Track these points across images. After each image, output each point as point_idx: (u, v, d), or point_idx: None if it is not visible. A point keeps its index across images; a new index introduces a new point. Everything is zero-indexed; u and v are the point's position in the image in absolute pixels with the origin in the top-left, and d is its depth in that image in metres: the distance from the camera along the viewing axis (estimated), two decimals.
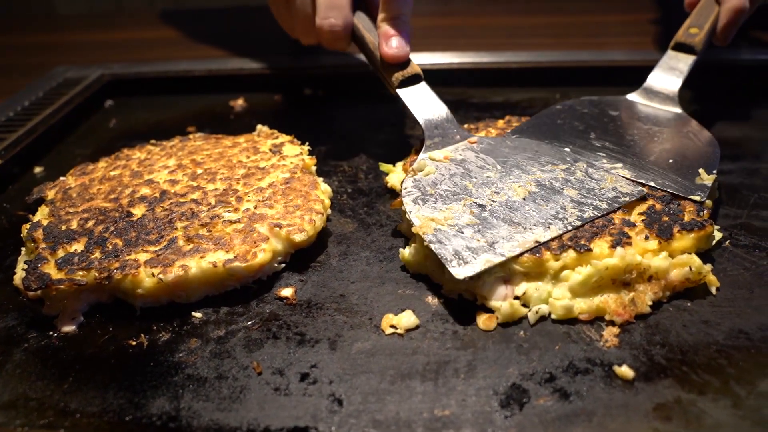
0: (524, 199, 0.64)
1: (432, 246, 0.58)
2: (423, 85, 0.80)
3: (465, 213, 0.62)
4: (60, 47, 1.46)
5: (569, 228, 0.60)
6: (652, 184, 0.65)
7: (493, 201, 0.63)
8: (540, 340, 0.54)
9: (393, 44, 0.78)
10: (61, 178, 0.76)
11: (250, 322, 0.58)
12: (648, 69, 1.04)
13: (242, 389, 0.51)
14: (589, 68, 1.07)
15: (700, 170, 0.67)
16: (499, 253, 0.57)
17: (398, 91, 0.79)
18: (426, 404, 0.49)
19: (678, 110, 0.79)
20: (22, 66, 1.32)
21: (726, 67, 1.02)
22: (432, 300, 0.59)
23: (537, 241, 0.58)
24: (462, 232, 0.59)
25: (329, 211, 0.71)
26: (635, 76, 1.04)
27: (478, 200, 0.64)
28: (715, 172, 0.67)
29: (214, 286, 0.61)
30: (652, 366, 0.51)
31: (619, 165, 0.68)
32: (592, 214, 0.61)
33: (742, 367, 0.50)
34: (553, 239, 0.58)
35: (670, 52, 0.85)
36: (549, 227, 0.60)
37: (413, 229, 0.61)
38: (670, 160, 0.69)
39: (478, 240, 0.58)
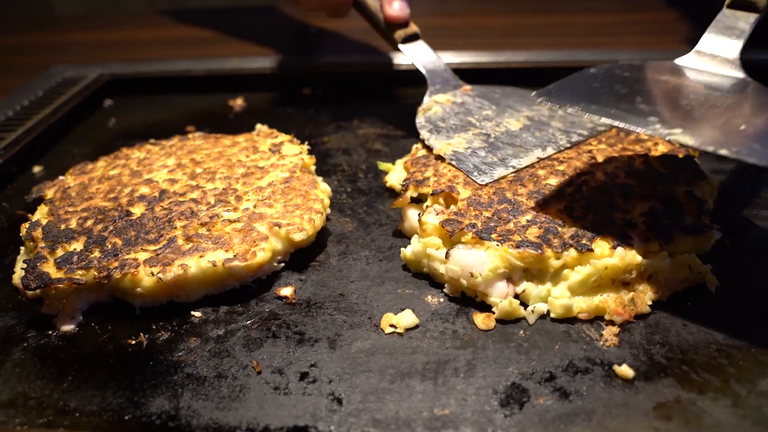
0: (521, 129, 0.76)
1: (453, 163, 0.70)
2: (421, 42, 0.92)
3: (475, 139, 0.74)
4: (59, 47, 1.46)
5: (561, 149, 0.72)
6: (724, 152, 0.50)
7: (496, 131, 0.76)
8: (540, 340, 0.54)
9: (395, 6, 0.88)
10: (60, 178, 0.76)
11: (249, 322, 0.58)
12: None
13: (242, 388, 0.51)
14: (587, 68, 1.06)
15: None
16: (510, 166, 0.69)
17: (400, 46, 0.90)
18: (426, 403, 0.49)
19: (741, 74, 0.66)
20: (20, 65, 1.32)
21: None
22: (432, 299, 0.59)
23: (539, 158, 0.70)
24: (476, 153, 0.71)
25: (329, 210, 0.72)
26: None
27: (482, 130, 0.76)
28: None
29: (214, 285, 0.61)
30: (652, 365, 0.51)
31: (679, 131, 0.53)
32: (578, 139, 0.74)
33: (742, 366, 0.50)
34: (547, 159, 0.70)
35: (725, 11, 0.70)
36: (545, 148, 0.72)
37: (435, 152, 0.72)
38: (741, 126, 0.55)
39: (491, 157, 0.70)
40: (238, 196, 0.69)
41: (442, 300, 0.59)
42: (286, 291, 0.61)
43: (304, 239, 0.64)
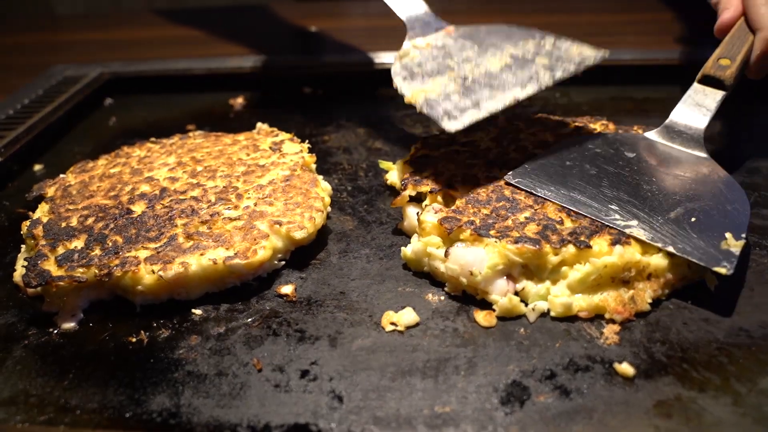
0: (501, 69, 0.71)
1: (423, 110, 0.66)
2: None
3: (450, 83, 0.70)
4: (59, 46, 1.46)
5: (543, 87, 0.68)
6: (671, 249, 0.56)
7: (474, 72, 0.71)
8: (540, 338, 0.54)
9: None
10: (61, 176, 0.76)
11: (250, 319, 0.58)
12: (647, 68, 1.05)
13: (242, 386, 0.51)
14: (587, 67, 1.06)
15: (727, 234, 0.57)
16: (483, 108, 0.65)
17: None
18: (426, 401, 0.49)
19: (703, 154, 0.69)
20: (21, 65, 1.32)
21: None
22: (432, 297, 0.59)
23: (516, 98, 0.66)
24: (449, 98, 0.67)
25: (329, 208, 0.72)
26: (634, 74, 1.05)
27: (460, 72, 0.72)
28: (744, 236, 0.57)
29: (214, 283, 0.61)
30: (653, 363, 0.51)
31: (635, 223, 0.59)
32: (561, 75, 0.69)
33: (742, 364, 0.50)
34: (529, 99, 0.67)
35: (696, 86, 0.73)
36: (525, 87, 0.68)
37: (406, 100, 0.68)
38: (692, 219, 0.59)
39: (464, 102, 0.67)
40: (239, 194, 0.69)
41: (442, 298, 0.59)
42: (287, 289, 0.61)
43: (305, 237, 0.64)
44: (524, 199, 0.63)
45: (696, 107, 0.72)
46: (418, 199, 0.68)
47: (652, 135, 0.73)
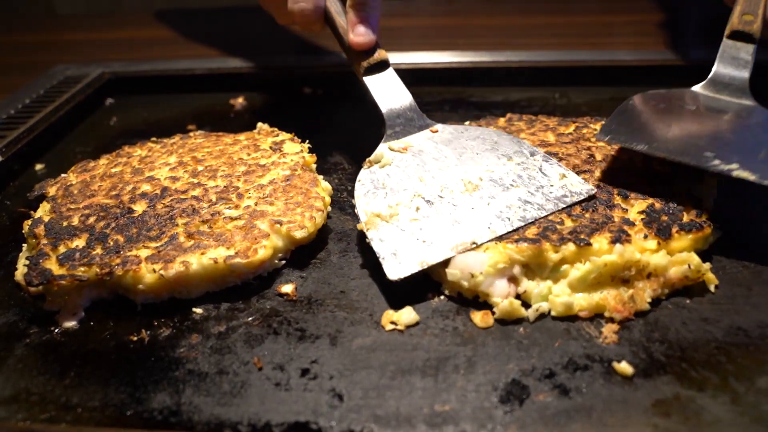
0: (471, 196, 0.63)
1: (372, 244, 0.60)
2: (390, 72, 0.78)
3: (411, 209, 0.62)
4: (60, 46, 1.46)
5: (509, 229, 0.59)
6: None
7: (441, 197, 0.63)
8: (540, 337, 0.54)
9: (358, 31, 0.76)
10: (63, 175, 0.76)
11: (250, 318, 0.58)
12: (647, 68, 1.06)
13: (243, 384, 0.51)
14: (587, 68, 1.07)
15: None
16: (434, 255, 0.58)
17: (364, 78, 0.77)
18: (426, 399, 0.49)
19: (753, 103, 0.71)
20: (22, 64, 1.32)
21: None
22: (432, 297, 0.59)
23: (474, 242, 0.58)
24: (403, 230, 0.60)
25: (329, 208, 0.72)
26: (634, 75, 1.06)
27: (425, 195, 0.64)
28: None
29: (215, 282, 0.61)
30: (652, 362, 0.51)
31: (735, 165, 0.59)
32: (535, 215, 0.61)
33: (740, 363, 0.51)
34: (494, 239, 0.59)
35: (727, 42, 0.76)
36: (490, 227, 0.60)
37: (358, 226, 0.62)
38: None
39: (417, 239, 0.59)
40: (240, 193, 0.69)
41: (442, 297, 0.59)
42: (287, 288, 0.61)
43: (305, 237, 0.64)
44: None
45: (733, 60, 0.75)
46: None
47: (699, 89, 0.74)
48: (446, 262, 0.58)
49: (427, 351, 0.53)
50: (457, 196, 0.64)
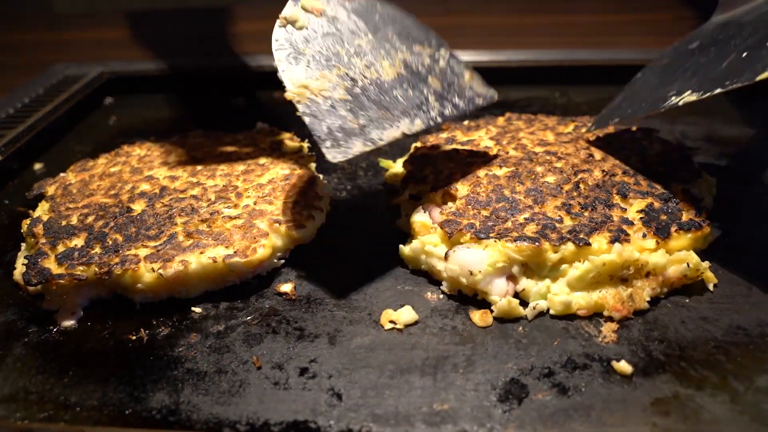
0: (393, 80, 0.62)
1: (305, 119, 0.56)
2: None
3: (338, 86, 0.59)
4: (59, 45, 1.46)
5: (431, 124, 0.61)
6: None
7: (365, 76, 0.61)
8: (538, 336, 0.54)
9: None
10: (62, 174, 0.76)
11: (249, 317, 0.58)
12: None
13: (242, 383, 0.51)
14: (587, 67, 1.07)
15: None
16: (369, 140, 0.57)
17: None
18: (425, 398, 0.49)
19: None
20: (21, 63, 1.32)
21: None
22: (431, 296, 0.59)
23: (404, 133, 0.59)
24: (335, 108, 0.57)
25: (328, 207, 0.72)
26: (635, 74, 1.05)
27: (350, 72, 0.61)
28: None
29: (214, 281, 0.61)
30: (651, 361, 0.51)
31: (686, 93, 0.58)
32: (451, 112, 0.62)
33: (740, 362, 0.51)
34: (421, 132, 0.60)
35: None
36: (414, 120, 0.60)
37: (285, 95, 0.57)
38: None
39: (351, 121, 0.57)
40: (239, 192, 0.69)
41: (441, 296, 0.59)
42: (286, 287, 0.61)
43: (304, 236, 0.64)
44: (524, 199, 0.63)
45: None
46: (417, 198, 0.68)
47: (717, 19, 0.71)
48: (444, 259, 0.58)
49: (425, 350, 0.53)
50: (379, 79, 0.62)
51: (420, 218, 0.63)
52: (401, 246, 0.64)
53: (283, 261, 0.64)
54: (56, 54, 1.34)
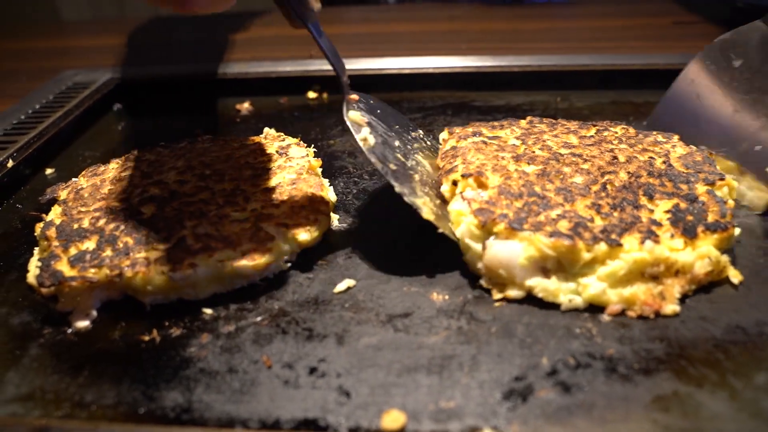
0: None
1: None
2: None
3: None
4: (68, 52, 1.48)
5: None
6: None
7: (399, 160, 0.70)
8: (542, 335, 0.55)
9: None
10: (74, 179, 0.78)
11: (259, 318, 0.59)
12: (649, 72, 1.07)
13: (253, 382, 0.52)
14: (589, 72, 1.08)
15: None
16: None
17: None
18: (431, 396, 0.50)
19: None
20: (31, 70, 1.33)
21: None
22: (437, 296, 0.61)
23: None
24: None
25: (335, 214, 0.73)
26: (635, 79, 1.07)
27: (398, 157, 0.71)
28: None
29: (222, 283, 0.62)
30: (651, 360, 0.52)
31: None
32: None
33: (738, 361, 0.52)
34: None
35: None
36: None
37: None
38: None
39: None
40: (246, 197, 0.70)
41: (447, 297, 0.61)
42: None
43: (310, 240, 0.65)
44: (554, 196, 0.65)
45: None
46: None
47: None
48: (482, 250, 0.61)
49: (432, 350, 0.55)
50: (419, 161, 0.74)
51: (456, 206, 0.65)
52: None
53: (289, 264, 0.66)
54: (65, 61, 1.36)
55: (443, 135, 0.80)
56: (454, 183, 0.69)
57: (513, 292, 0.60)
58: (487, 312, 0.58)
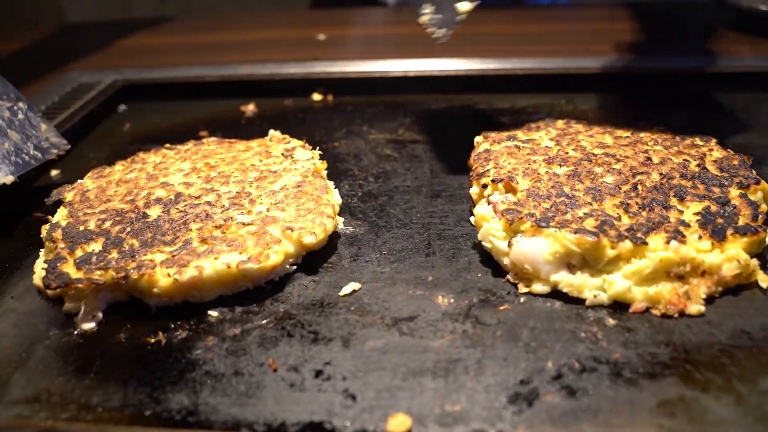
0: None
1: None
2: None
3: None
4: (73, 53, 1.48)
5: (10, 174, 0.66)
6: None
7: None
8: (547, 339, 0.55)
9: None
10: (79, 181, 0.78)
11: (264, 321, 0.59)
12: (651, 75, 1.07)
13: (258, 385, 0.52)
14: (592, 75, 1.08)
15: None
16: None
17: None
18: (437, 400, 0.50)
19: None
20: (36, 72, 1.34)
21: (728, 74, 1.04)
22: (442, 300, 0.61)
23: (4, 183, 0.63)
24: None
25: (340, 217, 0.73)
26: (637, 82, 1.07)
27: None
28: None
29: (228, 286, 0.62)
30: (657, 364, 0.52)
31: None
32: (28, 163, 0.66)
33: (744, 365, 0.52)
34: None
35: None
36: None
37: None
38: None
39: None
40: (252, 199, 0.70)
41: (452, 300, 0.61)
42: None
43: (316, 243, 0.66)
44: (583, 196, 0.65)
45: None
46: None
47: None
48: (508, 247, 0.62)
49: (437, 353, 0.55)
50: None
51: (480, 210, 0.66)
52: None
53: (295, 267, 0.66)
54: (70, 62, 1.36)
55: (478, 138, 0.81)
56: (484, 186, 0.69)
57: (538, 287, 0.60)
58: (493, 316, 0.59)
